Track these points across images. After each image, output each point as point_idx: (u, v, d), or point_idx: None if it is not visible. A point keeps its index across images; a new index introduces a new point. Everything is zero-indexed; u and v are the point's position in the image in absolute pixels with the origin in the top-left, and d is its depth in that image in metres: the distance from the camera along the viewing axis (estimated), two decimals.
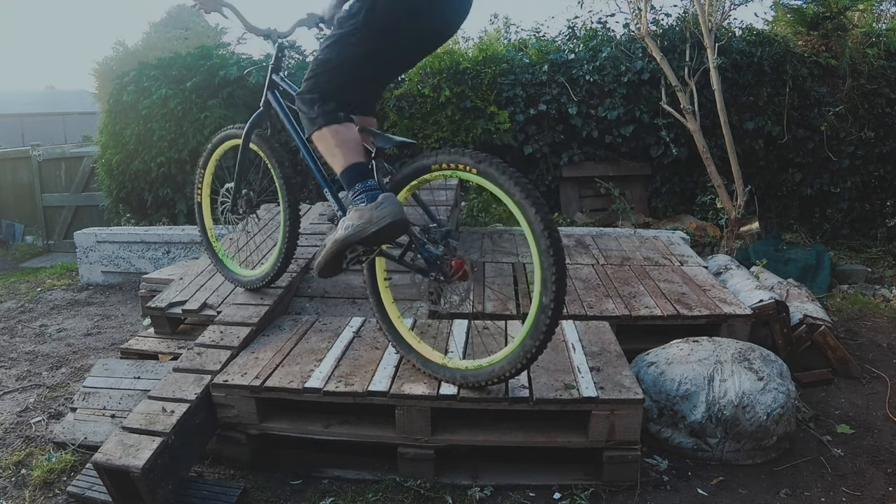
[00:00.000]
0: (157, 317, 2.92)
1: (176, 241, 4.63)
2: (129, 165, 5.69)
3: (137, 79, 5.70)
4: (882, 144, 5.42)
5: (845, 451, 2.34)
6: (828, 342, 2.96)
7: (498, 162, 1.81)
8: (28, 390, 2.94)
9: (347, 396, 2.06)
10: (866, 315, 3.82)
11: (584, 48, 5.61)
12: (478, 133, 5.23)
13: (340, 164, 1.94)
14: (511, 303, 2.93)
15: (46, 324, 3.98)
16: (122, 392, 2.45)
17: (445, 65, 5.24)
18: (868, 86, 5.37)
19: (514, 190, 1.77)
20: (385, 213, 1.83)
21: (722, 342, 2.45)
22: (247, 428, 2.15)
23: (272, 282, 2.72)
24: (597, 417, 1.99)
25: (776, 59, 5.32)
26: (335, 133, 1.95)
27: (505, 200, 1.82)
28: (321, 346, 2.41)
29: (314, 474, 2.16)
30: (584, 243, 3.97)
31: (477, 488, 2.05)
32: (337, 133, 1.95)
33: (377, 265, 2.24)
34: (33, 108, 21.63)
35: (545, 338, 1.82)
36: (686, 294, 3.02)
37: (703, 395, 2.22)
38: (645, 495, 2.05)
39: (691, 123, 4.86)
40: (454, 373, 2.06)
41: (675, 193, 5.60)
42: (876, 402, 2.73)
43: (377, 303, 2.26)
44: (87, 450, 2.25)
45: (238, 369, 2.21)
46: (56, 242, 8.31)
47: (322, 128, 1.96)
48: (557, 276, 1.75)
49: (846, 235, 5.56)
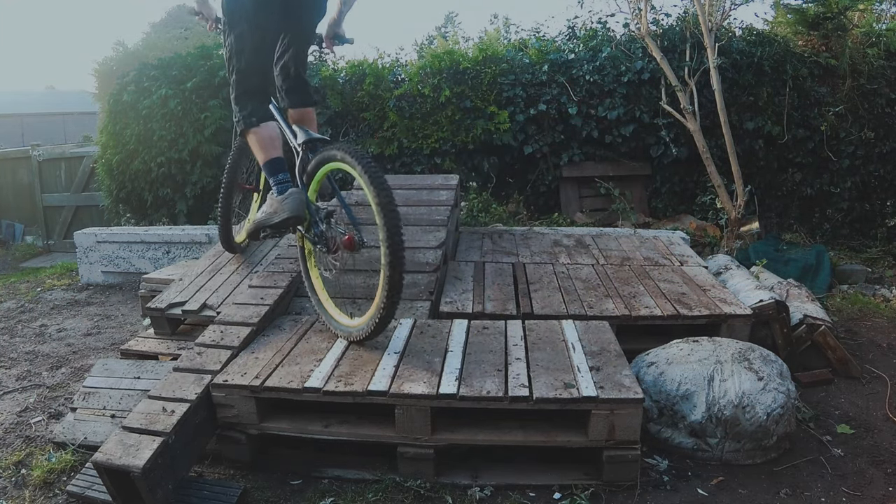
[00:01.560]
0: (156, 317, 2.92)
1: (176, 241, 4.63)
2: (129, 165, 5.69)
3: (137, 79, 5.70)
4: (882, 144, 5.42)
5: (845, 451, 2.34)
6: (828, 342, 2.96)
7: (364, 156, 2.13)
8: (28, 390, 2.94)
9: (347, 396, 2.06)
10: (866, 315, 3.82)
11: (584, 48, 5.61)
12: (478, 133, 5.23)
13: (262, 159, 2.35)
14: (511, 303, 2.93)
15: (46, 324, 3.98)
16: (122, 392, 2.45)
17: (445, 65, 5.25)
18: (868, 86, 5.37)
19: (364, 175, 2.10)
20: (286, 208, 2.24)
21: (722, 342, 2.45)
22: (247, 428, 2.15)
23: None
24: (597, 417, 1.99)
25: (776, 59, 5.32)
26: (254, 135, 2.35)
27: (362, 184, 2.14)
28: (321, 345, 2.41)
29: (314, 474, 2.16)
30: (584, 243, 3.97)
31: (477, 488, 2.05)
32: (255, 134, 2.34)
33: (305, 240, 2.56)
34: (33, 108, 21.64)
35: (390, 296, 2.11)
36: (686, 294, 3.02)
37: (703, 395, 2.22)
38: (645, 495, 2.05)
39: (691, 123, 4.86)
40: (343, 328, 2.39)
41: (675, 193, 5.60)
42: (876, 402, 2.73)
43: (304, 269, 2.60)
44: (87, 450, 2.25)
45: (238, 369, 2.21)
46: (56, 242, 8.32)
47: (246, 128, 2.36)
48: (393, 247, 2.06)
49: (846, 235, 5.56)
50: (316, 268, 2.57)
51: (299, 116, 2.58)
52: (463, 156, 5.40)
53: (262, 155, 2.32)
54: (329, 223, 2.31)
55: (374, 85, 5.32)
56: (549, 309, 2.84)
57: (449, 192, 3.89)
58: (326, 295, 2.54)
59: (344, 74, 5.57)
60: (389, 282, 2.09)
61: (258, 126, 2.32)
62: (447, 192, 3.89)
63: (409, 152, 5.38)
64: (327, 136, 4.79)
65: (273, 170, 2.31)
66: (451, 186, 3.98)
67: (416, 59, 5.90)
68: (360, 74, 5.45)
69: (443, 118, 5.25)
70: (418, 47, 6.93)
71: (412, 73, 5.33)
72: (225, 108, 5.43)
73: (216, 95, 5.47)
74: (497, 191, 5.64)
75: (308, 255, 2.59)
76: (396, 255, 2.07)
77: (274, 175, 2.31)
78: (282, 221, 2.26)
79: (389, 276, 2.08)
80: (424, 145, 5.29)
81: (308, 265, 2.59)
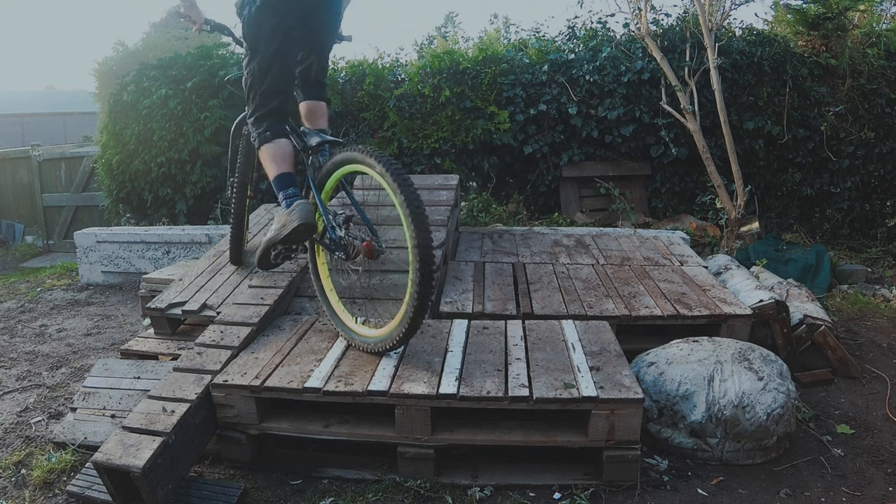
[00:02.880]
0: (156, 317, 2.92)
1: (176, 241, 4.63)
2: (129, 165, 5.69)
3: (137, 79, 5.70)
4: (882, 144, 5.42)
5: (845, 451, 2.34)
6: (828, 342, 2.96)
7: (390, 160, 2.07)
8: (28, 390, 2.94)
9: (347, 396, 2.06)
10: (866, 315, 3.82)
11: (584, 48, 5.61)
12: (478, 133, 5.23)
13: (272, 174, 2.33)
14: (511, 303, 2.93)
15: (46, 324, 3.98)
16: (122, 392, 2.45)
17: (445, 65, 5.24)
18: (868, 86, 5.37)
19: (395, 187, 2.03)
20: (293, 219, 2.20)
21: (722, 342, 2.45)
22: (247, 428, 2.15)
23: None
24: (597, 417, 1.99)
25: (776, 59, 5.32)
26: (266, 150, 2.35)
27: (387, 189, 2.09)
28: (321, 346, 2.41)
29: (314, 474, 2.16)
30: (584, 243, 3.97)
31: (477, 488, 2.05)
32: (268, 150, 2.34)
33: (317, 249, 2.53)
34: (33, 108, 21.66)
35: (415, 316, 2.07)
36: (686, 294, 3.02)
37: (703, 395, 2.22)
38: (645, 495, 2.05)
39: (691, 123, 4.86)
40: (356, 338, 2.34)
41: (675, 193, 5.60)
42: (876, 402, 2.73)
43: (315, 278, 2.56)
44: (87, 450, 2.25)
45: (238, 369, 2.21)
46: (56, 242, 8.32)
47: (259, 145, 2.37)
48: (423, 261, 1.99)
49: (846, 235, 5.56)
50: (329, 278, 2.53)
51: (311, 108, 2.59)
52: (463, 156, 5.40)
53: (273, 169, 2.32)
54: (348, 228, 2.27)
55: (374, 85, 5.32)
56: (549, 309, 2.85)
57: (449, 192, 3.89)
58: (343, 307, 2.48)
59: (344, 74, 5.57)
60: (419, 294, 2.01)
61: (271, 141, 2.34)
62: (447, 192, 3.90)
63: (409, 152, 5.38)
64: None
65: (282, 185, 2.30)
66: (451, 186, 3.98)
67: (416, 59, 5.90)
68: (360, 74, 5.45)
69: (443, 118, 5.25)
70: (418, 47, 6.93)
71: (412, 73, 5.33)
72: (225, 108, 5.43)
73: (216, 95, 5.47)
74: (497, 191, 5.64)
75: (321, 266, 2.54)
76: (426, 266, 1.99)
77: (283, 189, 2.29)
78: (292, 231, 2.20)
79: (421, 278, 2.00)
80: (424, 145, 5.29)
81: (321, 279, 2.54)
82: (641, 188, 5.61)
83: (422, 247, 1.98)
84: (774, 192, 5.57)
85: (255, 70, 2.35)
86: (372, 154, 2.10)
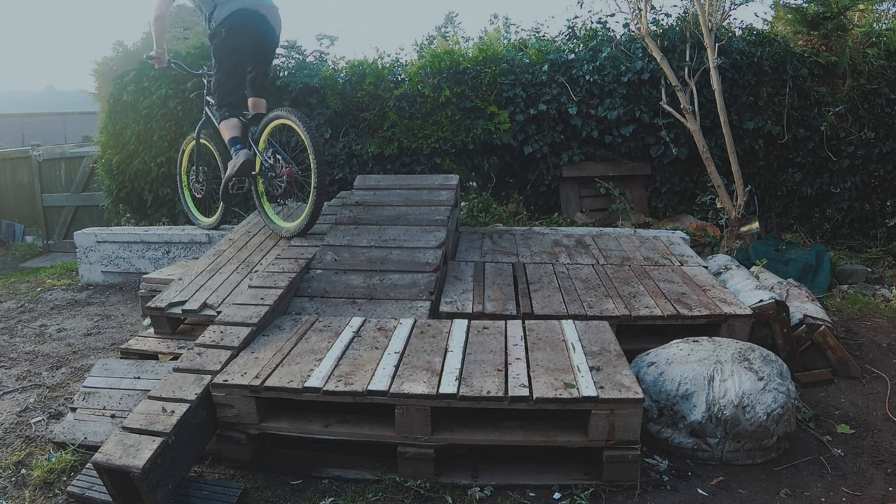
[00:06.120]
0: (156, 317, 2.92)
1: (176, 241, 4.63)
2: (129, 165, 5.69)
3: (137, 79, 5.70)
4: (882, 144, 5.42)
5: (845, 451, 2.34)
6: (828, 342, 2.96)
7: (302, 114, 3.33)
8: (28, 390, 2.94)
9: (347, 396, 2.06)
10: (866, 315, 3.83)
11: (584, 48, 5.60)
12: (478, 133, 5.22)
13: (226, 137, 3.59)
14: (511, 303, 2.93)
15: (46, 324, 3.98)
16: (122, 392, 2.45)
17: (445, 65, 5.24)
18: (868, 86, 5.37)
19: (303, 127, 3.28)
20: (240, 158, 3.40)
21: (722, 342, 2.45)
22: (247, 428, 2.15)
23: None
24: (597, 417, 1.99)
25: (776, 59, 5.32)
26: (225, 124, 3.60)
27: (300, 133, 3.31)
28: (321, 345, 2.41)
29: (314, 474, 2.16)
30: (584, 243, 3.97)
31: (477, 488, 2.06)
32: (226, 123, 3.60)
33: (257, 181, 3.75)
34: (33, 108, 21.66)
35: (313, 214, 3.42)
36: (686, 294, 3.02)
37: (703, 395, 2.22)
38: (645, 495, 2.05)
39: (691, 123, 4.86)
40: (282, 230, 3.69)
41: (675, 193, 5.60)
42: (876, 402, 2.73)
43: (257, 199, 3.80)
44: (87, 450, 2.25)
45: (238, 369, 2.21)
46: (56, 242, 8.32)
47: (220, 121, 3.65)
48: (319, 173, 3.26)
49: (846, 235, 5.56)
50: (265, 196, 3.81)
51: (255, 102, 3.76)
52: (463, 156, 5.40)
53: (227, 134, 3.56)
54: (276, 160, 3.46)
55: (374, 85, 5.32)
56: (549, 309, 2.85)
57: (449, 191, 3.89)
58: (273, 212, 3.84)
59: (344, 74, 5.56)
60: (317, 190, 3.28)
61: (227, 119, 3.59)
62: (447, 191, 3.90)
63: (409, 152, 5.37)
64: (327, 135, 5.07)
65: (233, 143, 3.52)
66: (450, 186, 3.98)
67: (416, 59, 5.88)
68: (360, 74, 5.44)
69: (443, 118, 5.25)
70: (418, 47, 6.89)
71: (412, 73, 5.32)
72: None
73: None
74: (497, 191, 5.63)
75: (261, 192, 3.79)
76: (321, 168, 3.24)
77: (234, 146, 3.50)
78: (241, 165, 3.38)
79: (318, 184, 3.26)
80: (424, 145, 5.29)
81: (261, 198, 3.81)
82: (641, 188, 5.61)
83: (318, 162, 3.24)
84: (774, 192, 5.57)
85: (220, 78, 3.61)
86: (291, 111, 3.34)
